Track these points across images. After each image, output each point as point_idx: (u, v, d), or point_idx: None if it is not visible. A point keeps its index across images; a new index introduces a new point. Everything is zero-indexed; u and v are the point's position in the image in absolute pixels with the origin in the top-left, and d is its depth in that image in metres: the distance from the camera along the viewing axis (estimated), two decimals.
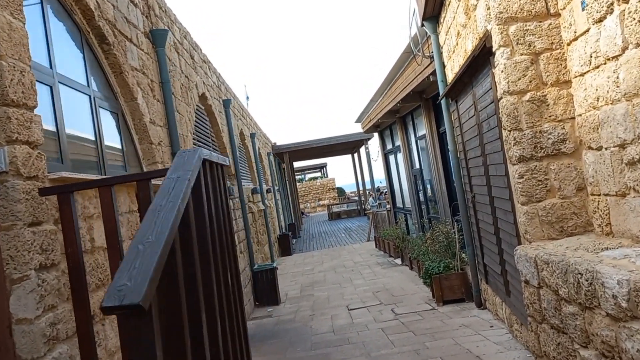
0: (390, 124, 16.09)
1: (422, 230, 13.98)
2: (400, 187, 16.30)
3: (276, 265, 11.11)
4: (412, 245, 12.58)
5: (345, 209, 34.04)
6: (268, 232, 15.91)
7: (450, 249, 8.95)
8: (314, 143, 24.93)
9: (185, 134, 7.17)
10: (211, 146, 9.72)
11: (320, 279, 13.22)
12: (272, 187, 20.87)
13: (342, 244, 20.11)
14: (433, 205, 13.61)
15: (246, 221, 11.27)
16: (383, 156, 17.69)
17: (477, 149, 5.81)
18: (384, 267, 13.63)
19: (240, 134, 13.94)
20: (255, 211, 13.82)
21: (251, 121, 16.52)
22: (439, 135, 11.93)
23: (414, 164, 14.40)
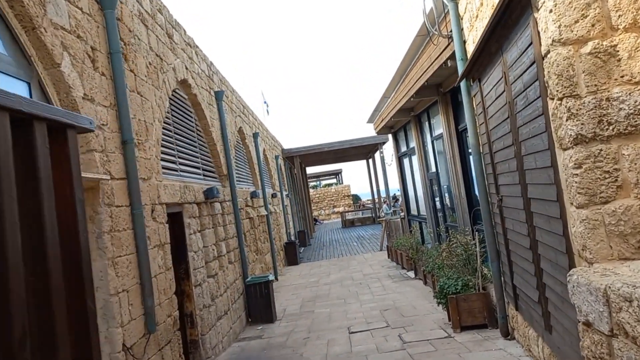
0: (404, 125, 14.70)
1: (439, 240, 12.51)
2: (415, 192, 14.86)
3: (272, 278, 9.78)
4: (427, 257, 11.14)
5: (360, 216, 32.58)
6: (271, 239, 14.59)
7: (470, 263, 7.51)
8: (325, 147, 23.60)
9: (150, 121, 5.90)
10: (196, 141, 8.45)
11: (324, 293, 11.83)
12: (280, 192, 19.58)
13: (353, 253, 18.70)
14: (450, 213, 12.15)
15: (239, 227, 9.96)
16: (397, 160, 16.28)
17: (507, 136, 4.42)
18: (395, 280, 12.19)
19: (240, 132, 12.68)
20: (255, 217, 12.52)
21: (254, 120, 15.30)
22: (457, 133, 10.52)
23: (430, 167, 12.97)
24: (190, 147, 8.06)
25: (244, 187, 12.03)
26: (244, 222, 11.07)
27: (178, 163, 7.22)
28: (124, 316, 4.55)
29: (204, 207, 7.81)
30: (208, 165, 9.04)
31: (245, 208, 11.51)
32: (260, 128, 16.68)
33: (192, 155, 8.09)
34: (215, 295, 7.69)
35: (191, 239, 6.89)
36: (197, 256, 7.02)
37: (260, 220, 13.41)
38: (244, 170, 12.71)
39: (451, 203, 12.03)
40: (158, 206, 5.75)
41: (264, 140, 17.16)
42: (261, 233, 13.32)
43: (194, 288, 6.79)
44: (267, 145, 18.12)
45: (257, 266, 12.20)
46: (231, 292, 8.80)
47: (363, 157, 31.83)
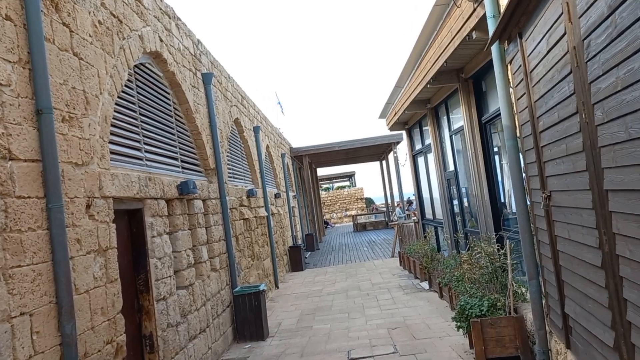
0: (419, 119, 13.28)
1: (457, 247, 11.08)
2: (431, 194, 13.43)
3: (264, 288, 8.43)
4: (443, 266, 9.71)
5: (372, 220, 31.11)
6: (271, 243, 13.25)
7: (497, 278, 6.08)
8: (335, 146, 22.22)
9: (94, 92, 4.59)
10: (173, 127, 7.15)
11: (326, 305, 10.45)
12: (285, 193, 18.26)
13: (363, 259, 17.28)
14: (470, 217, 10.71)
15: (228, 229, 8.64)
16: (411, 159, 14.86)
17: (566, 103, 3.03)
18: (407, 292, 10.76)
19: (236, 123, 11.38)
20: (252, 218, 11.19)
21: (256, 113, 14.00)
22: (480, 126, 9.10)
23: (448, 166, 11.54)
24: (165, 134, 6.76)
25: (239, 185, 10.72)
26: (237, 223, 9.75)
27: (144, 150, 5.92)
28: (23, 350, 3.24)
29: (177, 204, 6.50)
30: (190, 156, 7.74)
31: (239, 208, 10.20)
32: (264, 123, 15.37)
33: (167, 144, 6.79)
34: (189, 310, 6.36)
35: (154, 243, 5.57)
36: (162, 264, 5.70)
37: (258, 221, 12.09)
38: (240, 166, 11.41)
39: (471, 206, 10.58)
40: (99, 200, 4.44)
41: (268, 136, 15.86)
42: (259, 236, 11.99)
43: (156, 303, 5.47)
44: (272, 142, 16.81)
45: (253, 273, 10.87)
46: (213, 304, 7.47)
47: (376, 159, 30.38)
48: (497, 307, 5.57)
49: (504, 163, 8.53)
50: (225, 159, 9.54)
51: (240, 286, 8.69)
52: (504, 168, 8.68)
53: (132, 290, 5.34)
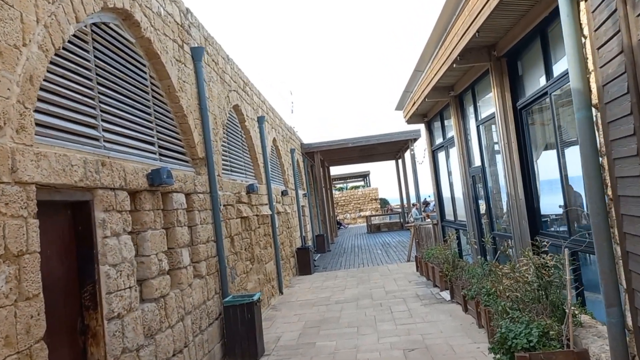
0: (440, 110, 11.91)
1: (482, 253, 9.69)
2: (452, 193, 12.04)
3: (259, 298, 7.15)
4: (468, 275, 8.34)
5: (387, 221, 29.69)
6: (275, 245, 11.97)
7: (548, 297, 4.72)
8: (349, 142, 20.88)
9: (12, 40, 3.35)
10: (150, 106, 5.90)
11: (333, 316, 9.14)
12: (295, 190, 16.99)
13: (376, 262, 15.92)
14: (501, 219, 9.31)
15: (219, 229, 7.37)
16: (430, 154, 13.47)
17: None
18: (425, 303, 9.40)
19: (236, 111, 10.13)
20: (252, 216, 9.93)
21: (262, 102, 12.73)
22: (515, 113, 7.74)
23: (473, 161, 10.16)
24: (136, 112, 5.51)
25: (237, 179, 9.46)
26: (232, 222, 8.48)
27: (101, 129, 4.68)
28: None
29: (147, 197, 5.24)
30: (172, 142, 6.49)
31: (236, 205, 8.94)
32: (271, 114, 14.11)
33: (139, 124, 5.54)
34: (157, 328, 5.09)
35: (107, 245, 4.31)
36: (118, 272, 4.44)
37: (260, 220, 10.82)
38: (240, 159, 10.15)
39: (502, 206, 9.19)
40: (10, 187, 3.19)
41: (275, 129, 14.60)
42: (261, 237, 10.72)
43: (107, 322, 4.21)
44: (280, 135, 15.55)
45: (252, 277, 9.61)
46: (195, 318, 6.20)
47: (392, 157, 28.96)
48: (550, 336, 4.21)
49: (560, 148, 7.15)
50: (220, 149, 8.29)
51: (232, 295, 7.42)
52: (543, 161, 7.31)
53: (74, 306, 4.09)
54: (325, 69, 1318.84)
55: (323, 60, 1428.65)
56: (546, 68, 6.62)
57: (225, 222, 8.07)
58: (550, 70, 6.55)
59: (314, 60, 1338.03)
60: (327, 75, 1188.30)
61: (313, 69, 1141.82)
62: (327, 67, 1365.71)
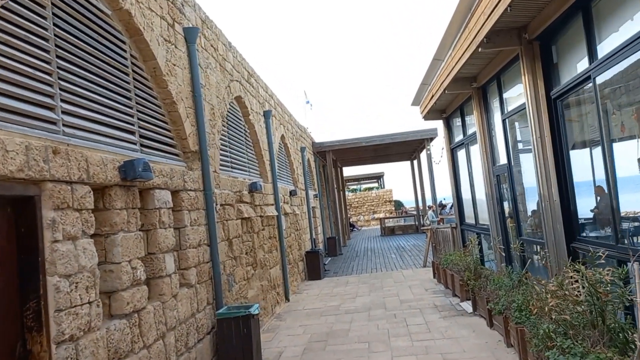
0: (460, 105, 10.95)
1: (508, 261, 8.73)
2: (473, 194, 11.08)
3: (256, 311, 6.29)
4: (494, 285, 7.38)
5: (401, 224, 28.68)
6: (282, 248, 11.12)
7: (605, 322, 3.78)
8: (363, 141, 19.96)
9: None
10: (130, 88, 5.08)
11: (342, 329, 8.25)
12: (305, 191, 16.14)
13: (390, 267, 14.99)
14: (525, 222, 8.35)
15: (213, 231, 6.54)
16: (449, 153, 12.52)
17: None
18: (445, 315, 8.47)
19: (239, 102, 9.29)
20: (255, 217, 9.09)
21: (269, 96, 11.90)
22: (549, 102, 6.80)
23: (498, 159, 9.20)
24: (111, 95, 4.69)
25: (239, 177, 8.63)
26: (231, 223, 7.64)
27: (60, 110, 3.86)
28: None
29: (118, 193, 4.40)
30: (157, 131, 5.66)
31: (236, 205, 8.10)
32: (279, 109, 13.27)
33: (114, 109, 4.73)
34: (128, 350, 4.25)
35: (57, 252, 3.48)
36: (72, 284, 3.60)
37: (265, 222, 9.98)
38: (243, 155, 9.31)
39: (528, 209, 8.24)
40: None
41: (284, 125, 13.75)
42: (265, 240, 9.87)
43: (55, 347, 3.38)
44: (290, 133, 14.70)
45: (254, 284, 8.76)
46: (181, 334, 5.36)
47: (407, 158, 27.96)
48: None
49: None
50: (217, 143, 7.46)
51: (227, 306, 6.57)
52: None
53: (14, 328, 3.27)
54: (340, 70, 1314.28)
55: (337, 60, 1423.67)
56: (589, 49, 5.68)
57: (222, 223, 7.23)
58: (594, 52, 5.61)
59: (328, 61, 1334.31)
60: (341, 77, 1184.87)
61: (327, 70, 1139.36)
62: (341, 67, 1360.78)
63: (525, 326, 5.38)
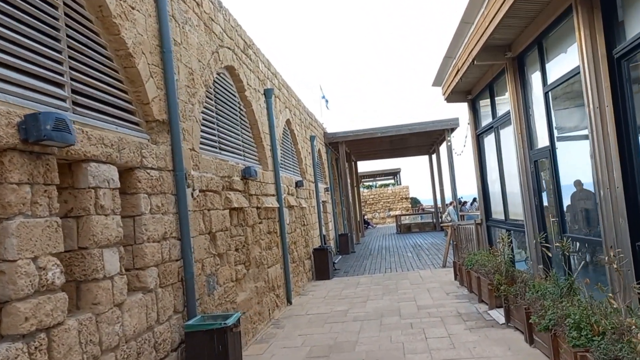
0: (489, 83, 9.43)
1: (547, 262, 7.21)
2: (502, 186, 9.56)
3: (234, 322, 4.92)
4: (535, 293, 5.88)
5: (418, 221, 27.14)
6: (283, 244, 9.74)
7: None
8: (378, 132, 18.47)
9: None
10: (60, 27, 3.74)
11: (348, 340, 6.85)
12: (314, 183, 14.75)
13: (406, 268, 13.53)
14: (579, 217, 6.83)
15: (185, 221, 5.18)
16: (474, 140, 10.99)
17: None
18: (471, 326, 7.00)
19: (231, 73, 7.92)
20: (248, 208, 7.73)
21: (272, 74, 10.51)
22: (610, 62, 5.31)
23: (536, 141, 7.69)
24: (21, 27, 3.35)
25: (229, 160, 7.26)
26: (216, 214, 6.28)
27: None
28: None
29: (16, 161, 3.04)
30: (101, 87, 4.30)
31: (224, 192, 6.74)
32: (285, 91, 11.89)
33: (22, 44, 3.38)
34: None
35: None
36: None
37: (263, 214, 8.61)
38: (234, 135, 7.94)
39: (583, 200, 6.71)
40: None
41: (290, 109, 12.36)
42: (263, 234, 8.50)
43: None
44: (297, 119, 13.31)
45: (246, 286, 7.41)
46: (126, 355, 3.99)
47: (425, 152, 26.37)
48: None
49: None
50: (198, 116, 6.10)
51: (201, 315, 5.21)
52: None
53: None
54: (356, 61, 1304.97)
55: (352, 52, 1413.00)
56: None
57: (203, 213, 5.87)
58: None
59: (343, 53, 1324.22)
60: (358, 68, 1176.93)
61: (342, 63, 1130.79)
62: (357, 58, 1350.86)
63: (591, 351, 3.91)
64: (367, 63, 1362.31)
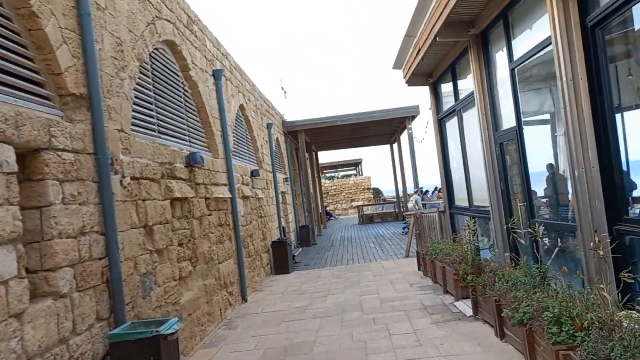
0: (452, 64, 8.96)
1: (514, 250, 6.79)
2: (466, 171, 9.14)
3: (170, 330, 4.22)
4: (505, 284, 5.41)
5: (380, 211, 26.81)
6: (237, 237, 9.05)
7: None
8: (338, 119, 17.90)
9: None
10: None
11: (306, 340, 6.24)
12: (272, 173, 14.05)
13: (368, 259, 13.04)
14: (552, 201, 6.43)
15: (110, 213, 4.43)
16: (436, 125, 10.54)
17: None
18: (437, 319, 6.52)
19: (172, 49, 7.13)
20: (193, 198, 7.00)
21: (222, 55, 9.73)
22: (584, 31, 4.87)
23: (501, 122, 7.26)
24: None
25: (170, 145, 6.51)
26: (153, 204, 5.54)
27: None
28: None
29: None
30: None
31: (164, 180, 6.00)
32: (237, 74, 11.12)
33: None
34: None
35: None
36: None
37: (213, 205, 7.88)
38: (178, 118, 7.17)
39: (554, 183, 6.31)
40: None
41: (244, 94, 11.60)
42: (213, 227, 7.78)
43: None
44: (252, 105, 12.56)
45: (193, 285, 6.69)
46: None
47: (386, 141, 26.00)
48: None
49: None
50: (129, 93, 5.33)
51: (131, 321, 4.48)
52: None
53: None
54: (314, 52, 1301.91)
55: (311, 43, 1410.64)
56: None
57: (136, 204, 5.13)
58: None
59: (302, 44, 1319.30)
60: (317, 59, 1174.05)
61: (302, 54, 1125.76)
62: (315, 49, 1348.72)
63: (577, 350, 3.42)
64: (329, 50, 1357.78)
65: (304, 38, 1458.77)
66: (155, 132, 6.18)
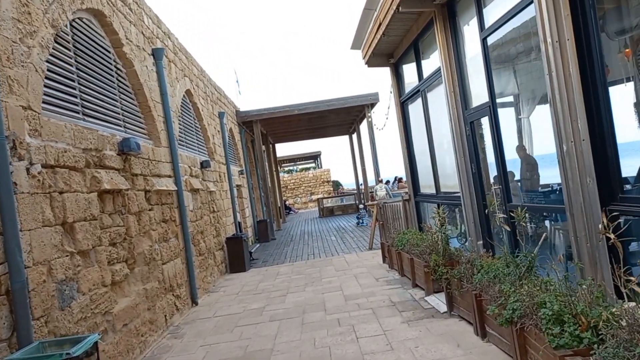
0: (415, 40, 8.32)
1: (486, 236, 6.22)
2: (432, 156, 8.55)
3: (85, 350, 3.39)
4: (486, 274, 4.79)
5: (340, 204, 26.24)
6: (185, 234, 8.14)
7: None
8: (295, 108, 17.09)
9: None
10: None
11: (263, 348, 5.47)
12: (226, 165, 13.13)
13: (330, 252, 12.36)
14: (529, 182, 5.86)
15: (7, 209, 3.52)
16: (399, 108, 9.91)
17: None
18: (409, 317, 5.87)
19: (100, 20, 6.15)
20: (129, 191, 6.08)
21: (162, 33, 8.77)
22: None
23: (472, 99, 6.67)
24: None
25: (99, 129, 5.56)
26: (74, 197, 4.62)
27: None
28: None
29: None
30: None
31: (89, 170, 5.07)
32: (182, 56, 10.15)
33: None
34: None
35: None
36: None
37: (155, 199, 6.97)
38: (110, 100, 6.21)
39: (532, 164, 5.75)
40: None
41: (191, 79, 10.64)
42: (155, 224, 6.87)
43: None
44: (201, 91, 11.60)
45: (130, 290, 5.79)
46: None
47: (345, 131, 25.38)
48: None
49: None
50: (40, 65, 4.38)
51: (38, 342, 3.59)
52: None
53: None
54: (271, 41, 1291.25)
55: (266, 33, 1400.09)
56: None
57: (50, 197, 4.21)
58: None
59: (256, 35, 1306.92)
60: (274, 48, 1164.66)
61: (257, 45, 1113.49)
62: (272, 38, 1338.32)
63: (592, 356, 2.80)
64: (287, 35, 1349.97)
65: (260, 23, 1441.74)
66: (79, 114, 5.24)
